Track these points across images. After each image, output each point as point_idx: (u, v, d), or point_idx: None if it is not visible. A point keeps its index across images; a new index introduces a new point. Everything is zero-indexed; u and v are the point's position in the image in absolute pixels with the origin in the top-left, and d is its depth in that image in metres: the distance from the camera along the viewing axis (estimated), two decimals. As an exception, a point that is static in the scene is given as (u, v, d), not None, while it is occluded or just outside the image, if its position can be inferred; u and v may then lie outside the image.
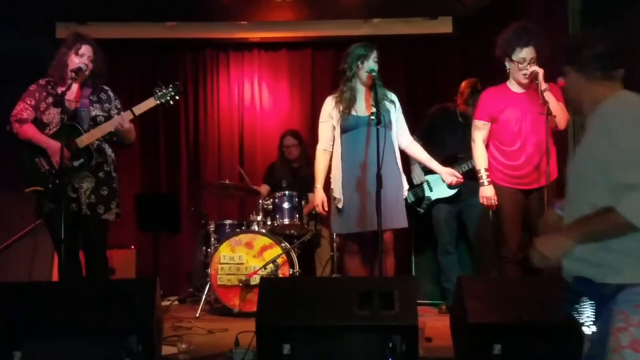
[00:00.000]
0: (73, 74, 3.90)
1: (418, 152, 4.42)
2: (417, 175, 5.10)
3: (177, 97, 4.11)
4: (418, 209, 5.11)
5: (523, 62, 3.97)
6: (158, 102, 4.06)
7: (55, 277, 5.16)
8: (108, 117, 4.03)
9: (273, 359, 3.08)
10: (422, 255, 5.49)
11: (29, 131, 3.92)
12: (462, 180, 4.44)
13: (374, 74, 4.05)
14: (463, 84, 5.04)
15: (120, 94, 4.28)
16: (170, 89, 4.08)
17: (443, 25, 6.47)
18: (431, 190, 5.11)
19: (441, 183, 5.00)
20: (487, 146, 4.26)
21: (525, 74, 3.96)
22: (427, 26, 6.49)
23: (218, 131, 6.84)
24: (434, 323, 4.27)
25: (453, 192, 4.96)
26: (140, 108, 4.02)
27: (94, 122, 3.98)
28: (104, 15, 6.10)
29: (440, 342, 3.73)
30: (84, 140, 3.90)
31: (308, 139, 6.49)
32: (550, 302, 3.04)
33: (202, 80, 6.87)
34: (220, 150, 6.83)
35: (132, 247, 6.16)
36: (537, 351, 3.06)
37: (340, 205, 4.15)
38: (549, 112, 3.78)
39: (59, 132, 3.82)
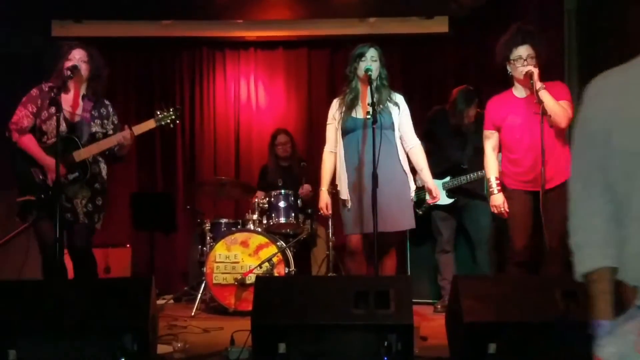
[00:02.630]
0: (69, 72, 3.89)
1: (416, 158, 4.21)
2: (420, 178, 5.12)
3: (177, 121, 4.19)
4: (417, 210, 5.11)
5: (520, 59, 3.94)
6: (157, 124, 4.11)
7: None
8: (105, 135, 4.07)
9: (268, 357, 3.08)
10: (417, 254, 5.49)
11: (28, 144, 3.93)
12: (437, 199, 4.30)
13: (369, 73, 4.03)
14: (453, 91, 5.07)
15: (116, 93, 4.30)
16: (171, 112, 4.14)
17: (439, 25, 6.47)
18: None
19: (441, 190, 5.00)
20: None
21: (522, 72, 3.92)
22: (423, 26, 6.49)
23: (214, 130, 6.84)
24: (430, 322, 4.28)
25: (450, 201, 5.02)
26: (140, 128, 4.07)
27: (93, 138, 4.01)
28: (100, 14, 6.10)
29: (435, 341, 3.73)
30: (81, 154, 3.93)
31: (304, 137, 6.51)
32: (544, 301, 3.06)
33: (198, 78, 6.86)
34: (216, 149, 6.83)
35: (128, 245, 6.17)
36: (531, 350, 3.06)
37: (349, 206, 4.10)
38: (544, 112, 3.75)
39: (55, 144, 3.74)
